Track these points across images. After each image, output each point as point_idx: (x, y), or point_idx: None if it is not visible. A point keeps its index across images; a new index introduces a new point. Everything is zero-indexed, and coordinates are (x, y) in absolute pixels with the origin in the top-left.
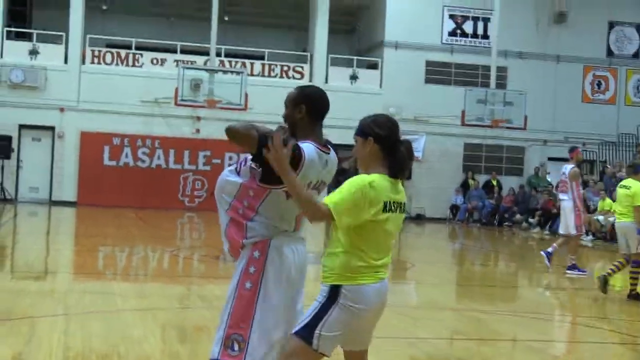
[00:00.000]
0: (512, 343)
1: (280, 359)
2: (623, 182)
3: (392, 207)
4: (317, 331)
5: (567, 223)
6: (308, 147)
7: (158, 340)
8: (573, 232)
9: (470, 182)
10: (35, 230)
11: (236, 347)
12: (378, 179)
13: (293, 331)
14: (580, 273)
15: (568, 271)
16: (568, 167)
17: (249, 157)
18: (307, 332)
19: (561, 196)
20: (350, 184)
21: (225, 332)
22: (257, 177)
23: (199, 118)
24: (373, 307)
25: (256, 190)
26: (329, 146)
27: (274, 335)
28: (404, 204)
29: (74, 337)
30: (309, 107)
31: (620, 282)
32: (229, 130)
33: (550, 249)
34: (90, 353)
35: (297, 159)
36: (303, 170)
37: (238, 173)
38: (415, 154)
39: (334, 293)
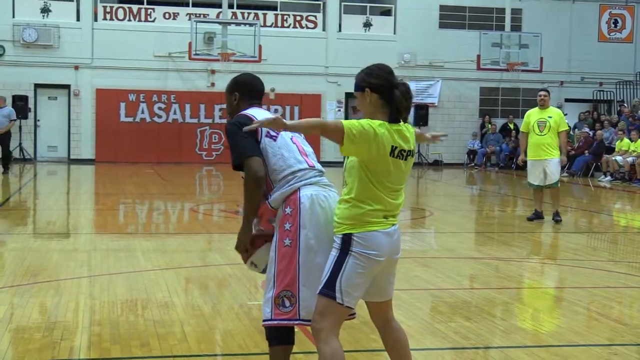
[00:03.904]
0: (532, 290)
1: (314, 317)
2: None
3: (401, 154)
4: (337, 285)
5: None
6: (251, 110)
7: (182, 298)
8: None
9: (487, 126)
10: (55, 190)
11: (287, 303)
12: (384, 125)
13: (317, 291)
14: None
15: None
16: None
17: None
18: (329, 289)
19: None
20: (362, 120)
21: (274, 292)
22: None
23: (213, 71)
24: (386, 252)
25: None
26: None
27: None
28: (412, 151)
29: (99, 299)
30: (241, 93)
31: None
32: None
33: None
34: (115, 314)
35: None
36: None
37: None
38: (431, 100)
39: (346, 243)
